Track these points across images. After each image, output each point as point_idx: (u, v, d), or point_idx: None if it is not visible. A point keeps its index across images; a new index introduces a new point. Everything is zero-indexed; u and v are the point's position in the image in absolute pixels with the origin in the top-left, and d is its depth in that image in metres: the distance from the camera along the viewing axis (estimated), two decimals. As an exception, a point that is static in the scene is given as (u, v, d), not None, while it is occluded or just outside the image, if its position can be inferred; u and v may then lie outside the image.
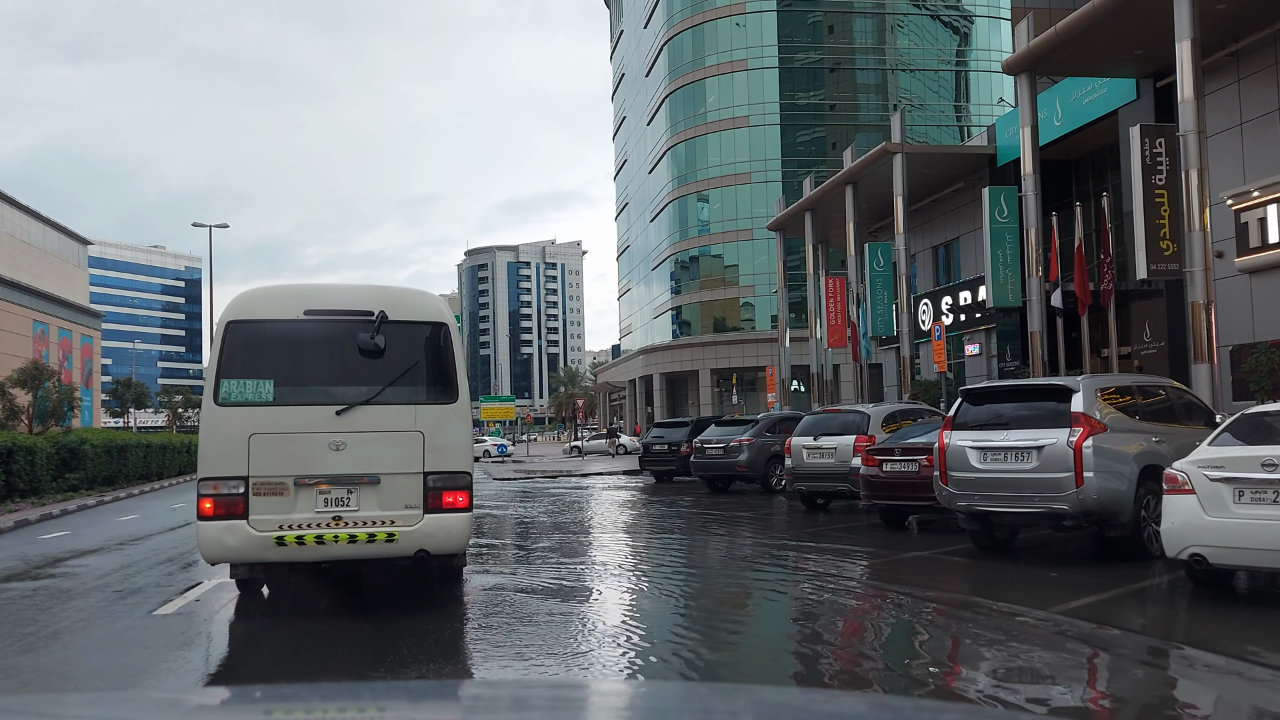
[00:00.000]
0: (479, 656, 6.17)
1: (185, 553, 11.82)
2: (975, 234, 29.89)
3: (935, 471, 9.40)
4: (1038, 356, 21.44)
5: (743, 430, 19.20)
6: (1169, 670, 5.76)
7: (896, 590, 8.11)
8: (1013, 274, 22.49)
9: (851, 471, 13.42)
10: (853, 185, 29.86)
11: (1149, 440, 8.78)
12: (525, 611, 7.43)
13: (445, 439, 7.35)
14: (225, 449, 7.06)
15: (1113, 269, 18.88)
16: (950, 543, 10.71)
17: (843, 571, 9.32)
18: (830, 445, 14.17)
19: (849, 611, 7.56)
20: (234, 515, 6.99)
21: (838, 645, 6.46)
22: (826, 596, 8.08)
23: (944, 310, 30.91)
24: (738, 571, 9.82)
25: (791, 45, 60.76)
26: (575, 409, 69.95)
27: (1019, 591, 7.90)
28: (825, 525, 13.27)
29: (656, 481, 24.33)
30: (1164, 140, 17.73)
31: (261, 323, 7.29)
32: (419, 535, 7.19)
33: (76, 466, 23.77)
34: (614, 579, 9.19)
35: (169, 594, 8.61)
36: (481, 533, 13.30)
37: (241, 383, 7.16)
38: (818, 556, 10.27)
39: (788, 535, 12.52)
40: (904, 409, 14.88)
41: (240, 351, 7.20)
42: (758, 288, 60.62)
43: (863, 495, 12.12)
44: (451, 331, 7.61)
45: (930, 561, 9.82)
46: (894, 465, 11.43)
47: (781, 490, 18.79)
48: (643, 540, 12.56)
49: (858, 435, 13.86)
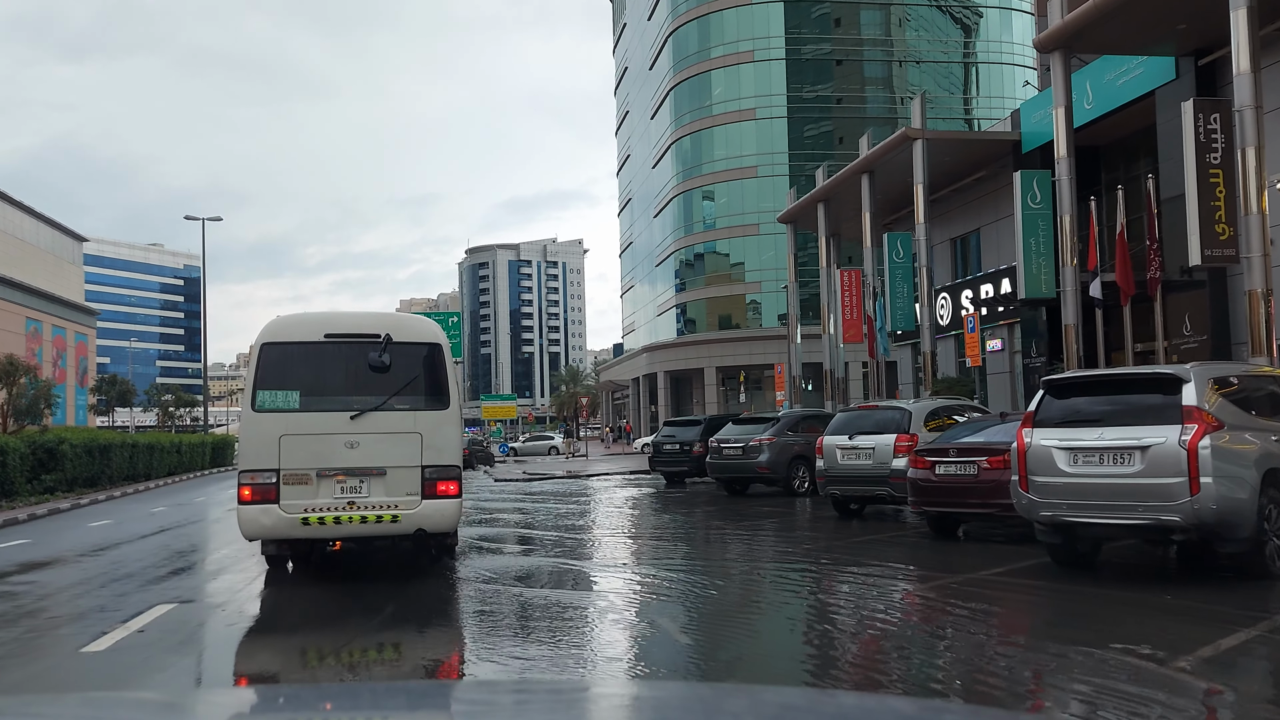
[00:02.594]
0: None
1: (149, 566, 10.56)
2: (996, 225, 28.63)
3: (1013, 476, 8.04)
4: (1072, 351, 20.15)
5: (763, 429, 17.80)
6: None
7: (986, 631, 6.45)
8: (1046, 264, 21.17)
9: (892, 474, 12.09)
10: (869, 174, 28.58)
11: (1269, 440, 7.46)
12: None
13: (440, 439, 8.81)
14: (261, 447, 8.50)
15: (1159, 255, 17.60)
16: (1015, 557, 9.32)
17: (902, 598, 7.86)
18: (868, 445, 12.77)
19: (937, 672, 5.60)
20: (268, 500, 8.44)
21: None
22: (891, 640, 6.35)
23: (963, 304, 29.64)
24: (776, 598, 8.38)
25: (799, 36, 59.45)
26: (579, 408, 68.48)
27: (1147, 627, 6.21)
28: (863, 534, 11.93)
29: (668, 484, 22.98)
30: (1219, 116, 16.44)
31: (290, 344, 8.82)
32: (418, 517, 8.67)
33: (54, 467, 22.50)
34: (615, 619, 7.89)
35: (111, 622, 7.33)
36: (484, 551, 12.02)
37: (274, 393, 8.58)
38: (865, 576, 8.78)
39: (823, 547, 11.07)
40: (947, 405, 13.53)
41: (273, 368, 8.65)
42: (764, 284, 59.28)
43: (910, 501, 10.73)
44: (445, 351, 9.06)
45: (1008, 586, 8.17)
46: (948, 468, 10.07)
47: (805, 493, 17.50)
48: (658, 554, 11.27)
49: (898, 434, 12.48)
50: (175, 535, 14.09)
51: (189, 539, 13.67)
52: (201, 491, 26.79)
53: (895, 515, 13.88)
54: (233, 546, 12.19)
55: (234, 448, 51.56)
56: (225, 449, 48.35)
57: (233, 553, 11.67)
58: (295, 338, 8.88)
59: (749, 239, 60.02)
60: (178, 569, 10.39)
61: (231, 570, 10.23)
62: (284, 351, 8.74)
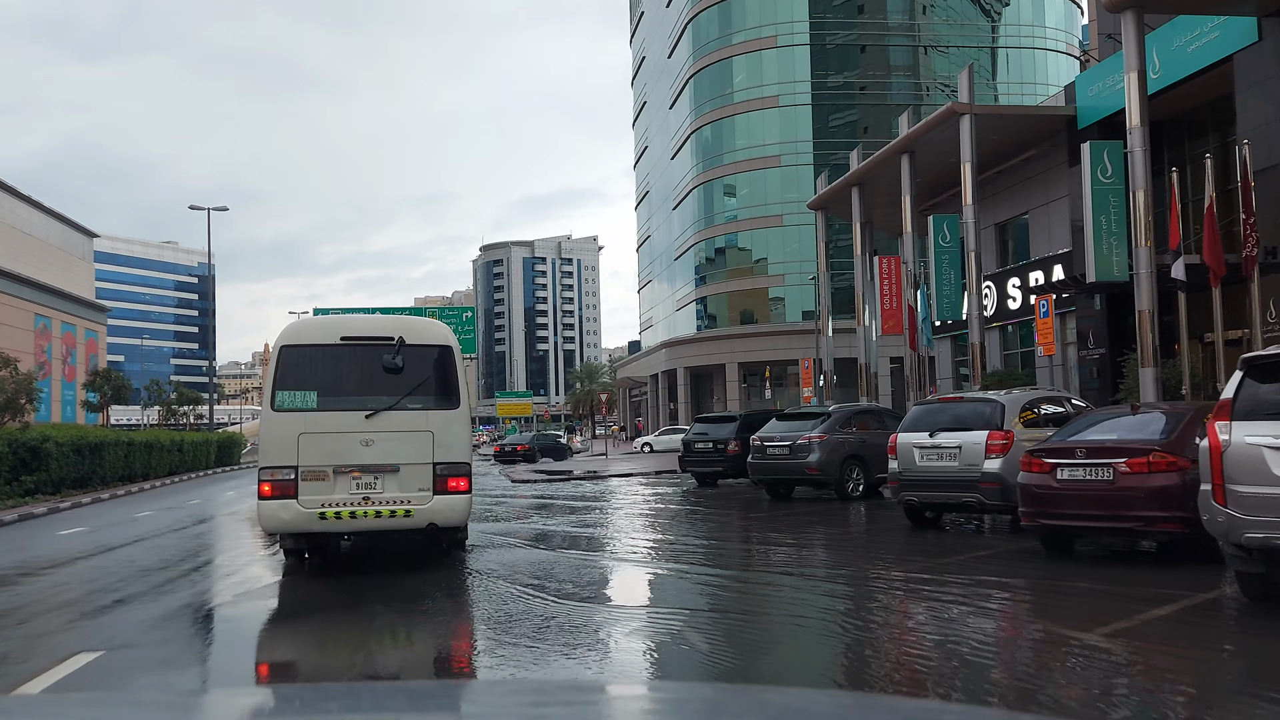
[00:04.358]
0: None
1: (93, 592, 8.86)
2: (1046, 209, 26.78)
3: (1205, 485, 6.12)
4: (1147, 341, 18.27)
5: (812, 425, 15.82)
6: None
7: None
8: (1118, 244, 19.25)
9: (983, 478, 10.25)
10: (909, 154, 26.71)
11: None
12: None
13: (450, 437, 9.11)
14: (280, 445, 8.77)
15: (1256, 232, 15.71)
16: (1176, 585, 7.28)
17: (1064, 663, 5.47)
18: (952, 444, 10.75)
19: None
20: (287, 496, 8.70)
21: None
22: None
23: (1009, 293, 27.78)
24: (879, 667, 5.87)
25: (823, 21, 57.47)
26: (599, 404, 66.68)
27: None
28: (951, 550, 10.02)
29: (699, 485, 21.12)
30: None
31: (307, 346, 9.15)
32: (430, 512, 8.94)
33: (37, 468, 20.93)
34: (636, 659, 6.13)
35: (20, 676, 5.60)
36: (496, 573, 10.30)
37: (292, 393, 8.87)
38: (981, 614, 6.72)
39: (908, 569, 8.94)
40: (1044, 395, 11.60)
41: (291, 369, 8.95)
42: (788, 277, 57.33)
43: (1022, 512, 8.81)
44: (455, 352, 9.36)
45: (1197, 629, 6.12)
46: (1074, 472, 8.16)
47: (858, 497, 15.73)
48: (696, 572, 9.50)
49: (990, 430, 10.59)
50: (147, 548, 12.38)
51: (161, 553, 11.98)
52: (199, 493, 25.14)
53: (976, 526, 12.07)
54: (208, 562, 10.52)
55: (240, 446, 50.12)
56: (232, 447, 46.58)
57: (206, 573, 10.01)
58: (313, 340, 9.31)
59: (772, 230, 58.10)
60: (124, 597, 8.41)
61: (195, 598, 8.50)
62: (302, 353, 9.11)
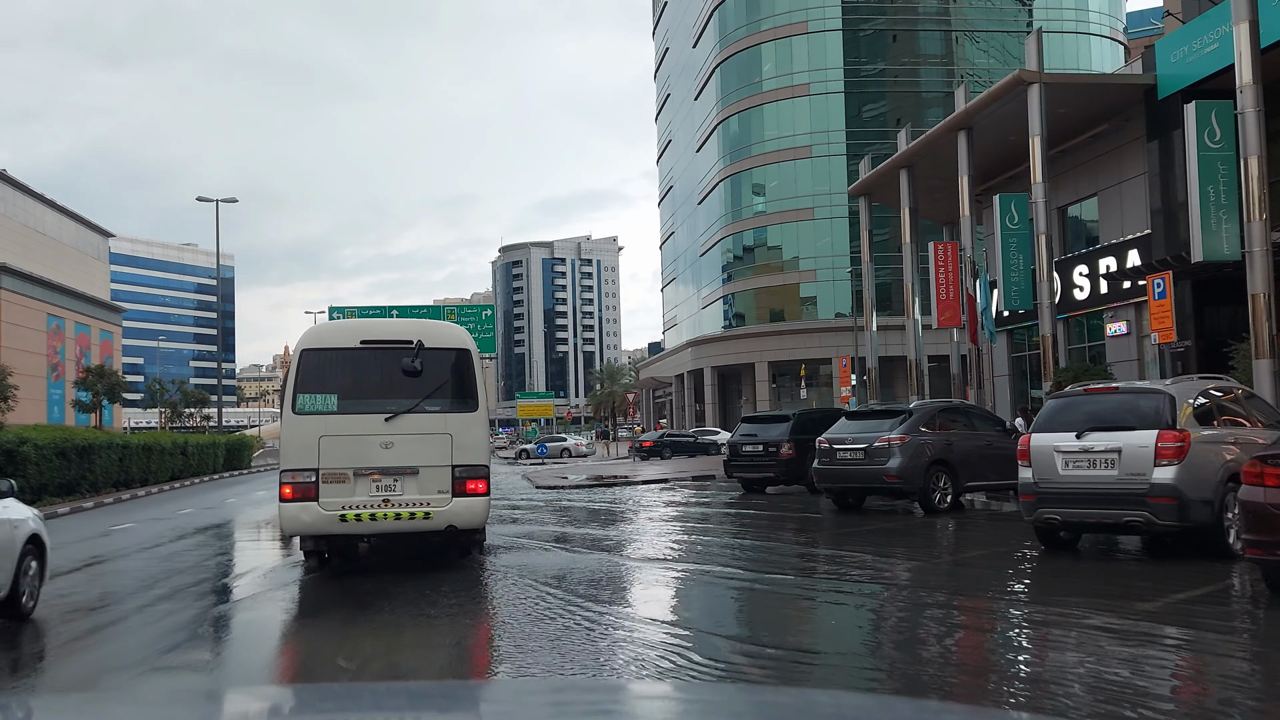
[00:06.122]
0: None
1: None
2: (1119, 189, 24.47)
3: None
4: (1263, 329, 15.99)
5: (889, 425, 13.60)
6: None
7: None
8: (1229, 217, 16.92)
9: (1152, 491, 8.00)
10: (967, 131, 24.46)
11: None
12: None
13: (468, 440, 9.42)
14: (301, 448, 9.10)
15: None
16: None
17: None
18: (1109, 447, 8.43)
19: None
20: (308, 498, 9.01)
21: None
22: None
23: (1076, 282, 25.42)
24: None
25: (855, 5, 55.12)
26: (625, 405, 64.41)
27: None
28: (1135, 589, 7.71)
29: (746, 491, 18.87)
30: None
31: (328, 350, 9.53)
32: (449, 514, 9.24)
33: (13, 473, 18.97)
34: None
35: None
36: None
37: (313, 396, 9.21)
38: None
39: (1103, 616, 6.49)
40: (1218, 386, 9.30)
41: (312, 372, 9.29)
42: (819, 272, 54.98)
43: (1245, 541, 6.59)
44: (473, 356, 9.67)
45: None
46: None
47: (945, 509, 13.51)
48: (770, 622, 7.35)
49: (1159, 430, 8.32)
50: (91, 575, 10.37)
51: (111, 581, 10.00)
52: (194, 501, 23.06)
53: (1128, 550, 9.77)
54: (168, 590, 8.49)
55: (251, 449, 48.24)
56: (242, 450, 44.49)
57: (157, 610, 7.98)
58: (333, 344, 9.53)
59: (802, 224, 55.72)
60: (28, 657, 6.45)
61: (105, 657, 6.44)
62: (322, 357, 9.31)
